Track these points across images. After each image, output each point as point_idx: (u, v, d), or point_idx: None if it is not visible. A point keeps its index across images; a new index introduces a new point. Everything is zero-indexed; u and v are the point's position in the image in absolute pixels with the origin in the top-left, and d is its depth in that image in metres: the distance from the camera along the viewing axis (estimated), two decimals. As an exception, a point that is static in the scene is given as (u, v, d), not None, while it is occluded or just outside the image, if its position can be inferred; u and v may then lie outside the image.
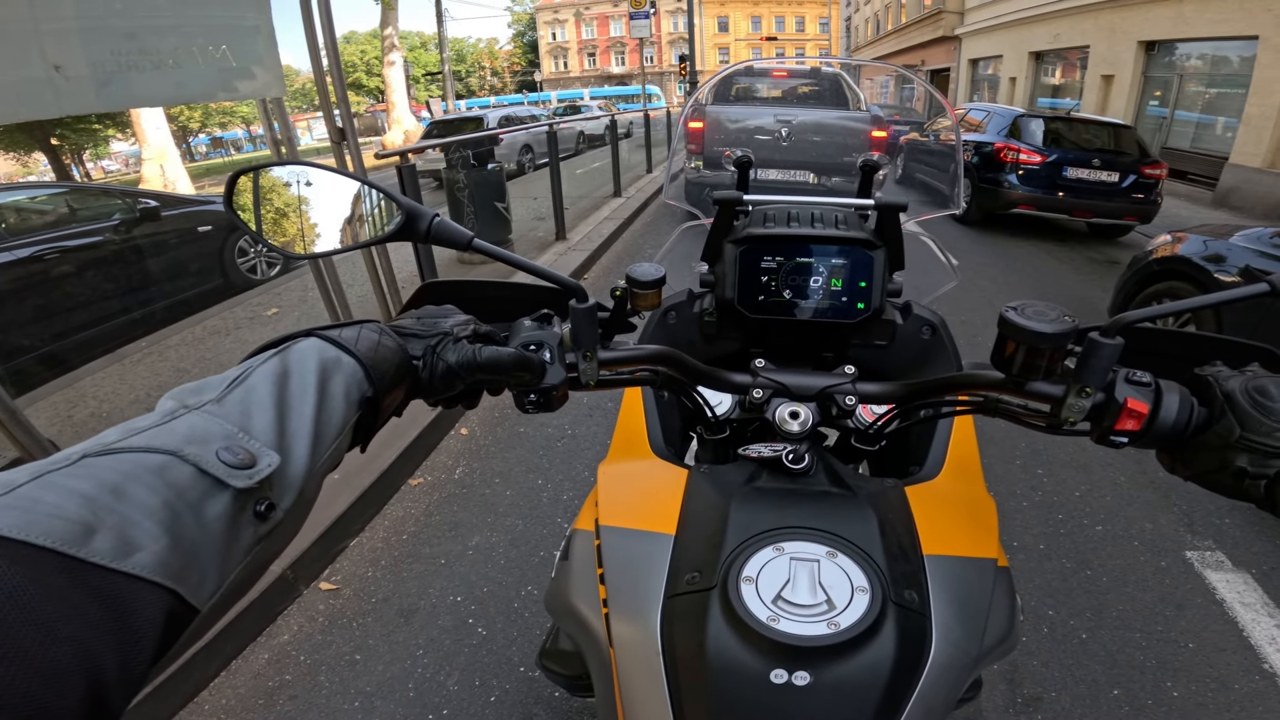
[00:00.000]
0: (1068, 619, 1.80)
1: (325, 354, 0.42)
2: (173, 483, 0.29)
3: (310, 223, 0.55)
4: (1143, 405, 0.48)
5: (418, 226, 0.53)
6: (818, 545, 0.53)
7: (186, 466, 0.30)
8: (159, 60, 2.19)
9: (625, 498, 0.69)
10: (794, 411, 0.66)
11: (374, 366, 0.44)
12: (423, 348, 0.50)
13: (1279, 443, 0.44)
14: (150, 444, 0.30)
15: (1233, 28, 9.17)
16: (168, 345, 3.75)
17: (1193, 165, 10.14)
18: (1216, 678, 1.63)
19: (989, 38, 17.62)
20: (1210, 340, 0.59)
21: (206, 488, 0.30)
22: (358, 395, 0.43)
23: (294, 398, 0.38)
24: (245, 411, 0.35)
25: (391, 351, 0.47)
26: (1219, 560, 2.03)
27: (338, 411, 0.41)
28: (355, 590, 1.95)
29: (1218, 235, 3.09)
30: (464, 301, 0.62)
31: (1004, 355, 0.50)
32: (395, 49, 17.92)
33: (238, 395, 0.36)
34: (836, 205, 0.80)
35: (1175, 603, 1.87)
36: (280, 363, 0.39)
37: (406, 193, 3.08)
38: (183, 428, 0.32)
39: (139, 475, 0.28)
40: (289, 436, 0.36)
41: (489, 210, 4.96)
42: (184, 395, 0.36)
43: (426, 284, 0.67)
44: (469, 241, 0.54)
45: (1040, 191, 6.20)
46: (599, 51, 55.44)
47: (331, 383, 0.41)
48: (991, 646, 0.55)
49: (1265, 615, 1.82)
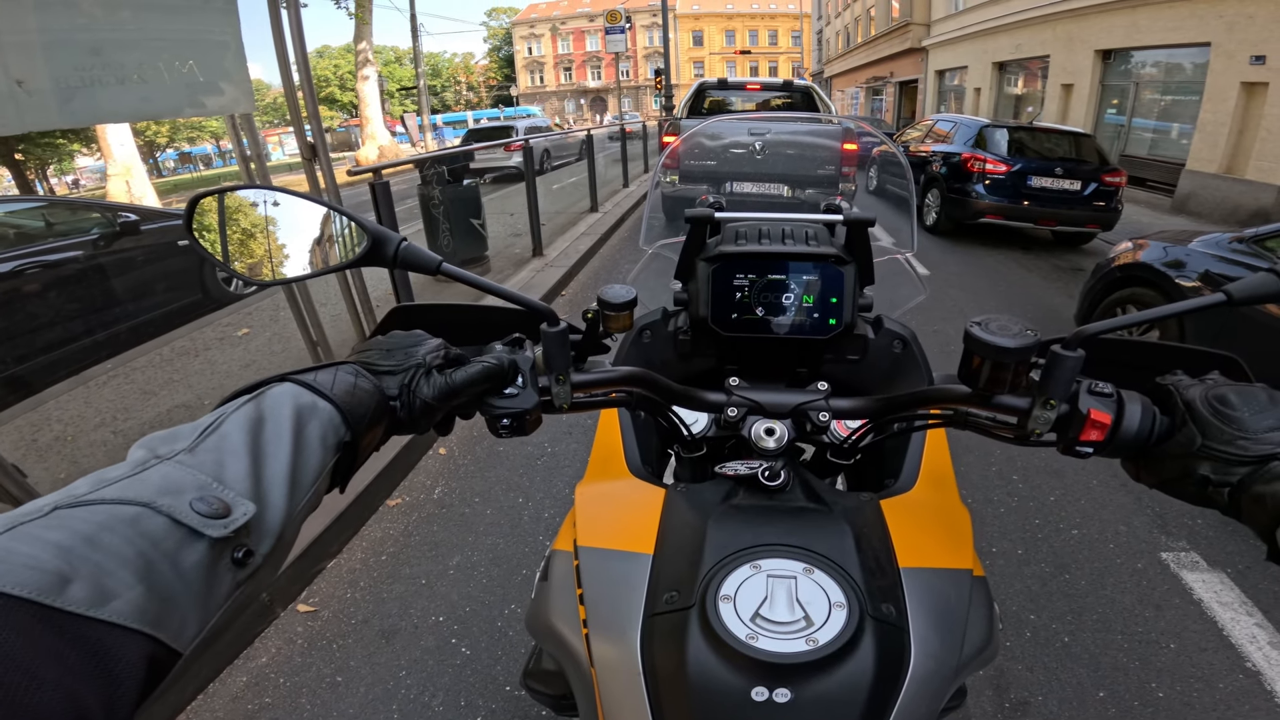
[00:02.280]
0: (1049, 623, 1.81)
1: (300, 400, 0.42)
2: (146, 533, 0.29)
3: (274, 248, 0.53)
4: (1105, 416, 0.49)
5: (384, 251, 0.53)
6: (794, 562, 0.53)
7: (160, 517, 0.30)
8: (123, 75, 2.15)
9: (603, 518, 0.69)
10: (769, 428, 0.66)
11: (350, 410, 0.44)
12: (398, 385, 0.49)
13: (1240, 451, 0.44)
14: (122, 496, 0.30)
15: (1185, 35, 9.46)
16: (134, 367, 3.64)
17: (1151, 172, 10.45)
18: (1201, 677, 1.65)
19: (954, 49, 18.11)
20: (1171, 349, 0.60)
21: (181, 537, 0.30)
22: (334, 439, 0.43)
23: (269, 445, 0.38)
24: (218, 461, 0.35)
25: (367, 393, 0.46)
26: (1194, 561, 2.07)
27: (315, 457, 0.40)
28: (334, 612, 1.91)
29: (1177, 241, 3.17)
30: (434, 326, 0.61)
31: (970, 370, 0.51)
32: (369, 63, 17.83)
33: (210, 444, 0.36)
34: (807, 221, 0.81)
35: (1154, 604, 1.90)
36: (254, 409, 0.39)
37: (380, 211, 3.04)
38: (155, 478, 0.32)
39: (112, 526, 0.28)
40: (265, 484, 0.36)
41: (465, 227, 4.89)
42: (155, 445, 0.35)
43: (396, 308, 0.66)
44: (437, 266, 0.54)
45: (1006, 201, 6.35)
46: (575, 66, 55.85)
47: (308, 429, 0.41)
48: (971, 656, 0.56)
49: (1244, 614, 1.85)
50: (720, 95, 6.08)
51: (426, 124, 25.64)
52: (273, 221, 0.53)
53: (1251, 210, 7.95)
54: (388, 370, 0.50)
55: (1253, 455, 0.44)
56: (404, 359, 0.51)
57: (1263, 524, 0.43)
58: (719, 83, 6.31)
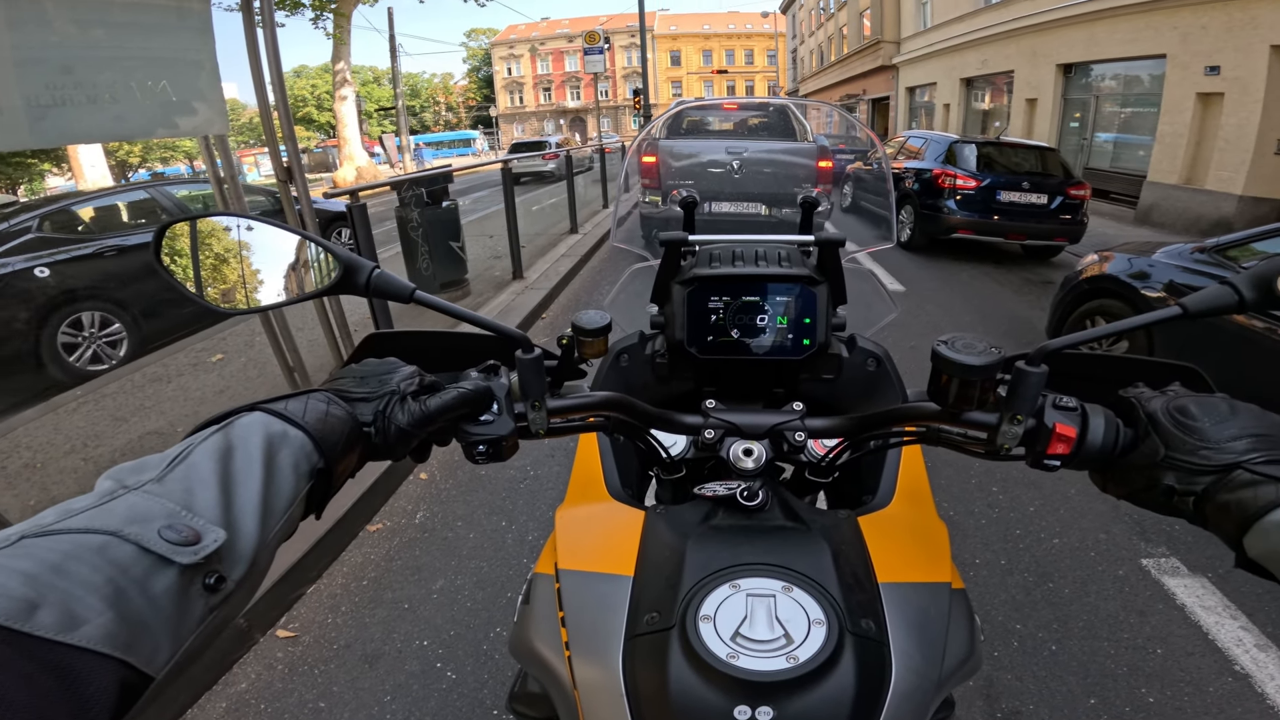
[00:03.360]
0: (1035, 631, 1.82)
1: (271, 428, 0.42)
2: (115, 561, 0.29)
3: (245, 276, 0.53)
4: (1070, 429, 0.50)
5: (356, 279, 0.53)
6: (773, 580, 0.54)
7: (128, 545, 0.30)
8: (95, 94, 2.12)
9: (583, 541, 0.69)
10: (747, 449, 0.67)
11: (323, 438, 0.44)
12: (372, 412, 0.49)
13: (1203, 460, 0.45)
14: (89, 525, 0.30)
15: (1141, 47, 9.74)
16: (104, 394, 3.57)
17: (1114, 184, 10.70)
18: (1190, 681, 1.67)
19: (923, 66, 18.59)
20: (1133, 361, 0.61)
21: (150, 564, 0.30)
22: (307, 467, 0.43)
23: (239, 473, 0.38)
24: (187, 489, 0.35)
25: (341, 421, 0.47)
26: (1175, 566, 2.10)
27: (287, 484, 0.41)
28: (315, 637, 1.88)
29: (1141, 253, 3.26)
30: (410, 352, 0.61)
31: (939, 387, 0.52)
32: (347, 83, 17.81)
33: (179, 473, 0.36)
34: (779, 243, 0.82)
35: (1138, 610, 1.92)
36: (223, 439, 0.40)
37: (357, 234, 3.01)
38: (121, 508, 0.32)
39: (80, 555, 0.28)
40: (236, 511, 0.36)
41: (444, 250, 4.82)
42: (122, 475, 0.35)
43: (370, 335, 0.66)
44: (411, 294, 0.54)
45: (977, 216, 6.48)
46: (554, 86, 56.32)
47: (279, 457, 0.41)
48: (953, 668, 0.56)
49: (1228, 617, 1.88)
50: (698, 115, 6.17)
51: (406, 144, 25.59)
52: (245, 248, 0.53)
53: (1213, 220, 8.17)
54: (361, 397, 0.50)
55: (1215, 464, 0.44)
56: (378, 386, 0.51)
57: (1229, 532, 0.43)
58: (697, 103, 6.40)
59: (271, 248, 0.53)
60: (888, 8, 20.74)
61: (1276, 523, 0.40)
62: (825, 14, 29.99)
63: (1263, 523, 0.41)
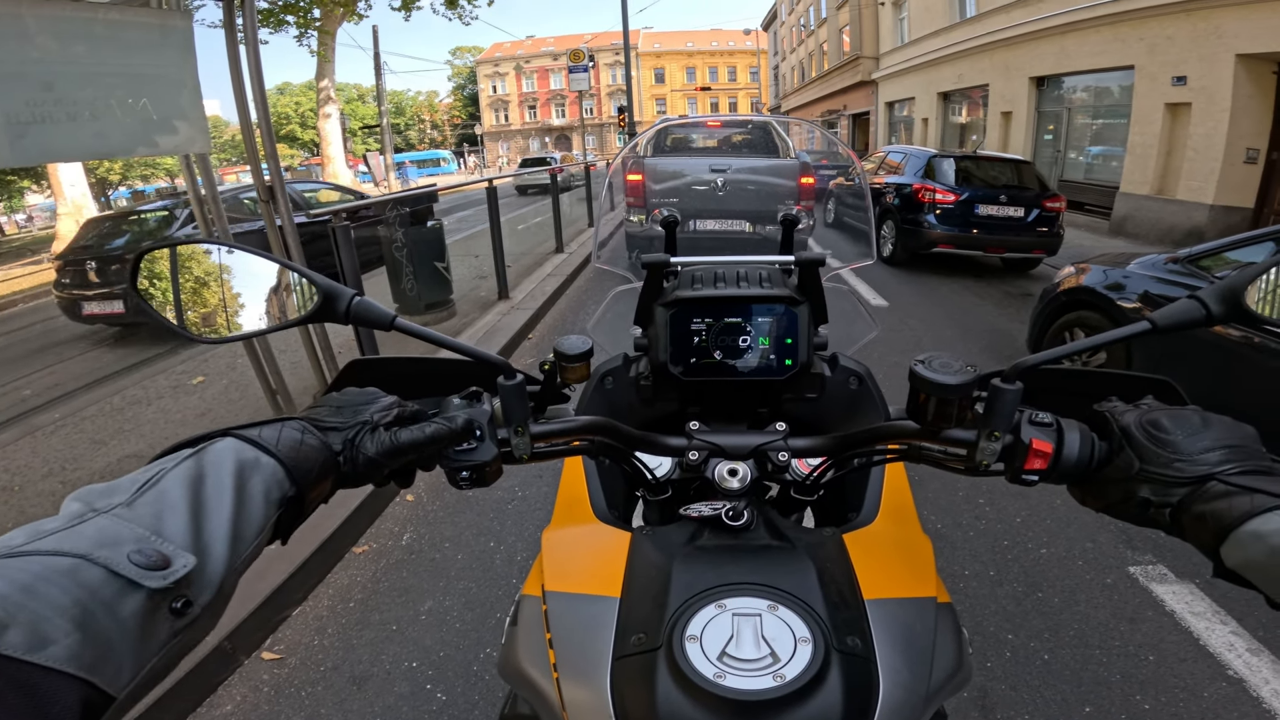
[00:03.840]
0: (1027, 641, 1.83)
1: (243, 455, 0.42)
2: (84, 583, 0.30)
3: (223, 304, 0.52)
4: (1047, 445, 0.52)
5: (336, 307, 0.53)
6: (759, 600, 0.54)
7: (97, 569, 0.31)
8: (75, 112, 2.10)
9: (570, 562, 0.69)
10: (732, 469, 0.68)
11: (296, 466, 0.45)
12: (342, 441, 0.50)
13: (1177, 472, 0.46)
14: (58, 548, 0.31)
15: (1110, 59, 9.95)
16: (84, 416, 3.52)
17: (1088, 196, 10.89)
18: (1184, 687, 1.68)
19: (902, 81, 18.97)
20: (1107, 375, 0.63)
21: (119, 588, 0.31)
22: (278, 494, 0.43)
23: (210, 500, 0.38)
24: (157, 514, 0.36)
25: (314, 449, 0.47)
26: (1162, 573, 2.11)
27: (257, 511, 0.41)
28: (301, 659, 1.86)
29: (1116, 264, 3.32)
30: (392, 378, 0.61)
31: (918, 406, 0.53)
32: (331, 101, 17.82)
33: (149, 498, 0.36)
34: (760, 264, 0.83)
35: (1128, 617, 1.93)
36: (195, 465, 0.40)
37: (340, 255, 2.99)
38: (91, 531, 0.32)
39: (49, 577, 0.29)
40: (205, 537, 0.37)
41: (429, 270, 4.77)
42: (91, 498, 0.36)
43: (353, 362, 0.66)
44: (391, 321, 0.54)
45: (957, 230, 6.56)
46: (539, 104, 56.76)
47: (250, 484, 0.41)
48: (942, 682, 0.56)
49: (1218, 623, 1.89)
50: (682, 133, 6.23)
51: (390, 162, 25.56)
52: (225, 274, 0.52)
53: (1186, 229, 8.34)
54: (334, 426, 0.50)
55: (1190, 476, 0.45)
56: (351, 415, 0.51)
57: (1205, 542, 0.44)
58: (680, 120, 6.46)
59: (251, 275, 0.53)
60: (866, 24, 21.21)
61: (1252, 532, 0.41)
62: (806, 31, 30.60)
63: (1238, 533, 0.42)
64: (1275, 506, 0.41)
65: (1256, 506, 0.41)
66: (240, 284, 0.53)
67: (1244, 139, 8.00)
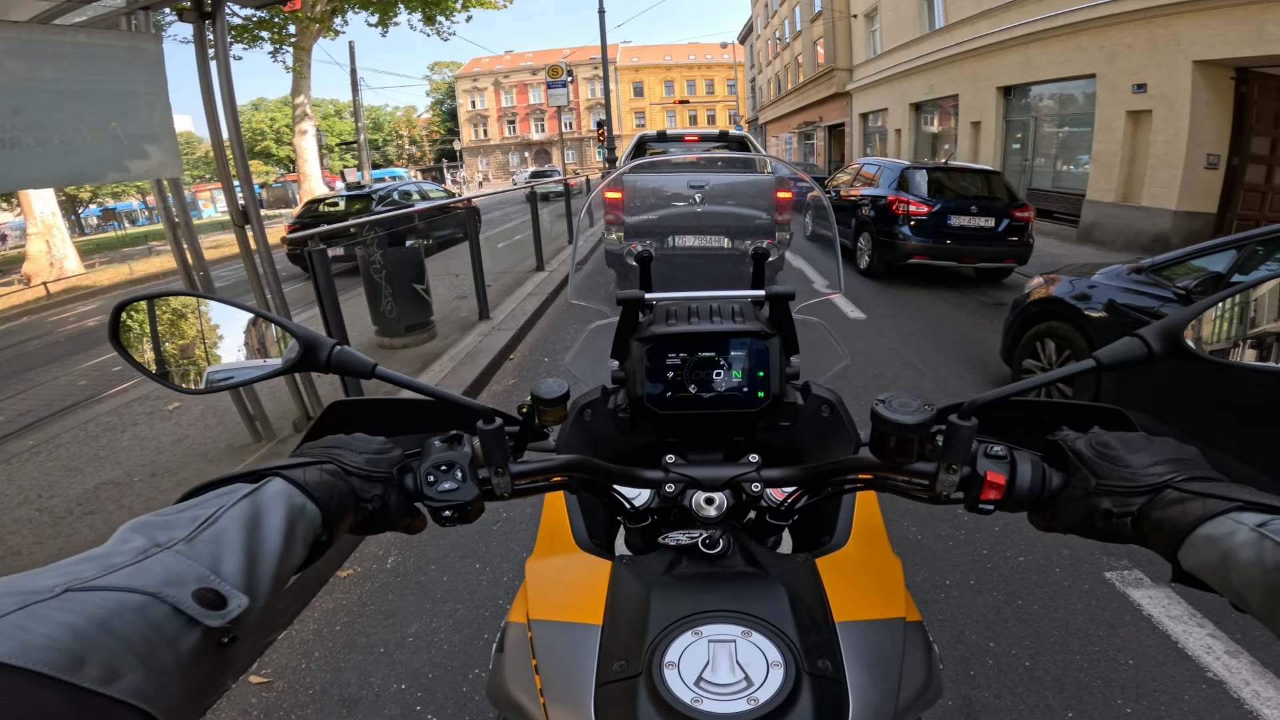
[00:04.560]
0: (1009, 649, 1.86)
1: (293, 500, 0.46)
2: (152, 620, 0.32)
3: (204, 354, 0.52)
4: (1000, 477, 0.55)
5: (317, 356, 0.55)
6: (733, 626, 0.56)
7: (164, 606, 0.33)
8: (44, 137, 2.08)
9: (553, 591, 0.72)
10: (709, 498, 0.70)
11: (329, 511, 0.48)
12: (371, 492, 0.53)
13: (1130, 481, 0.49)
14: (130, 584, 0.33)
15: (1073, 67, 10.19)
16: (58, 443, 3.44)
17: (1056, 204, 11.09)
18: (1165, 690, 1.71)
19: (875, 92, 19.30)
20: (1061, 405, 0.66)
21: (182, 625, 0.34)
22: (313, 538, 0.47)
23: (264, 543, 0.41)
24: (215, 554, 0.38)
25: (344, 495, 0.50)
26: (1138, 578, 2.16)
27: (297, 553, 0.45)
28: (289, 683, 1.85)
29: (1081, 274, 3.40)
30: (374, 418, 0.63)
31: (879, 442, 0.56)
32: (307, 117, 17.65)
33: (208, 536, 0.39)
34: (732, 298, 0.87)
35: (1106, 622, 1.97)
36: (251, 506, 0.43)
37: (317, 281, 2.95)
38: (158, 568, 0.35)
39: (122, 613, 0.31)
40: (256, 578, 0.40)
41: (408, 293, 4.69)
42: (151, 531, 0.38)
43: (334, 404, 0.67)
44: (371, 369, 0.57)
45: (931, 241, 6.67)
46: (519, 119, 56.80)
47: (296, 528, 0.45)
48: (911, 700, 0.58)
49: (1195, 625, 1.93)
50: (660, 147, 6.28)
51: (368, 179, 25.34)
52: (204, 327, 0.52)
53: (1151, 236, 8.55)
54: (361, 473, 0.53)
55: (1146, 485, 0.49)
56: (374, 465, 0.55)
57: (1163, 547, 0.47)
58: (658, 135, 6.51)
59: (230, 325, 0.54)
60: (840, 36, 21.61)
61: (1205, 536, 0.43)
62: (781, 44, 31.13)
63: (1193, 537, 0.44)
64: (1226, 510, 0.43)
65: (1209, 511, 0.44)
66: (220, 333, 0.54)
67: (1204, 145, 8.22)
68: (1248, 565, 0.40)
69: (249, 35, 15.64)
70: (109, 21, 2.51)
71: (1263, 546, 0.40)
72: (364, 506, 0.53)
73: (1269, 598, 0.39)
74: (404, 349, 4.72)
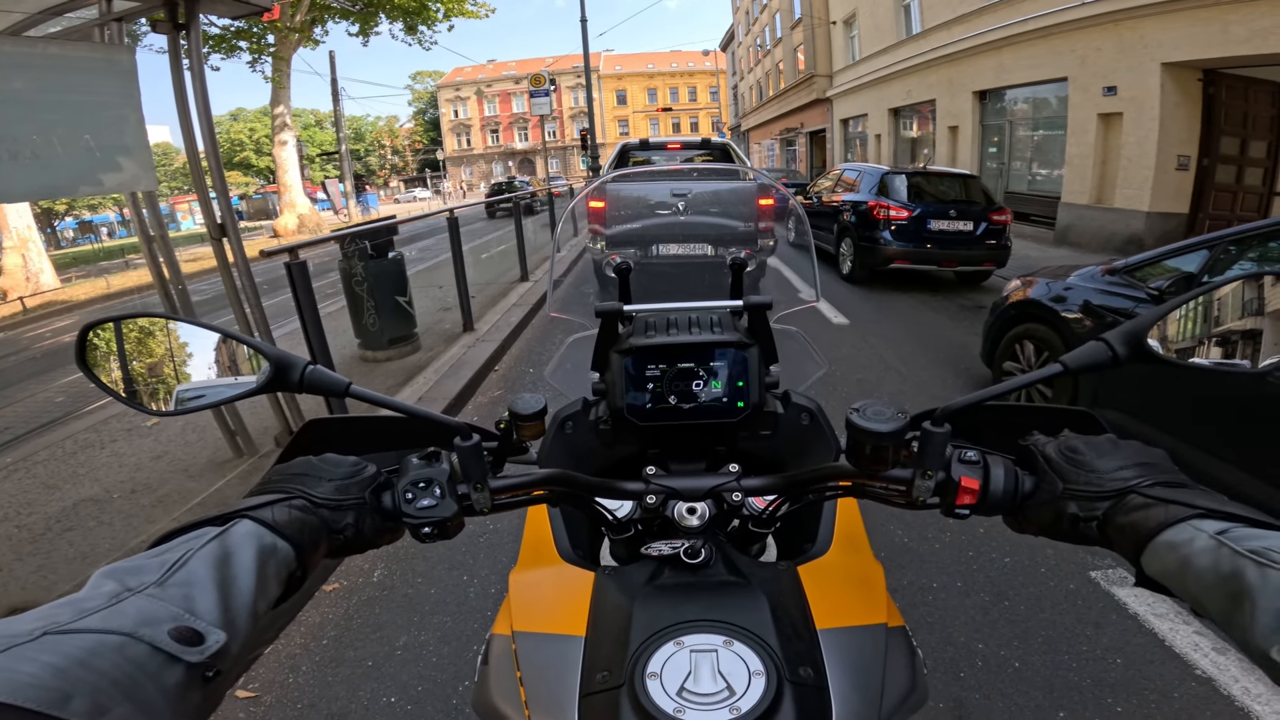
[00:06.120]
0: (997, 650, 1.87)
1: (262, 541, 0.47)
2: (132, 658, 0.33)
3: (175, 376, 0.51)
4: (974, 481, 0.56)
5: (289, 376, 0.55)
6: (715, 636, 0.56)
7: (142, 645, 0.34)
8: (16, 150, 2.04)
9: (537, 603, 0.72)
10: (691, 508, 0.70)
11: (301, 547, 0.49)
12: (342, 522, 0.54)
13: (1095, 486, 0.50)
14: (105, 625, 0.34)
15: (1045, 71, 10.38)
16: (35, 461, 3.38)
17: (1033, 207, 11.26)
18: (1155, 689, 1.72)
19: (855, 98, 19.51)
20: (1033, 409, 0.67)
21: (162, 662, 0.35)
22: (287, 574, 0.48)
23: (235, 581, 0.43)
24: (188, 595, 0.39)
25: (314, 529, 0.51)
26: (1122, 577, 2.18)
27: (272, 590, 0.46)
28: (277, 697, 1.83)
29: (1057, 276, 3.44)
30: (350, 438, 0.63)
31: (855, 450, 0.57)
32: (287, 128, 17.53)
33: (179, 579, 0.40)
34: (711, 309, 0.87)
35: (1093, 622, 1.98)
36: (219, 548, 0.44)
37: (297, 294, 2.91)
38: (132, 610, 0.36)
39: (102, 652, 0.32)
40: (232, 614, 0.41)
41: (390, 304, 4.63)
42: (122, 577, 0.39)
43: (310, 423, 0.67)
44: (345, 388, 0.56)
45: (911, 245, 6.75)
46: (502, 128, 56.78)
47: (267, 566, 0.46)
48: (894, 706, 0.59)
49: (1181, 623, 1.95)
50: (643, 155, 6.31)
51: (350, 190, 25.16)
52: (173, 348, 0.52)
53: (1125, 237, 8.70)
54: (330, 504, 0.54)
55: (1109, 490, 0.49)
56: (343, 492, 0.54)
57: (1127, 552, 0.48)
58: (641, 143, 6.53)
59: (200, 346, 0.53)
60: (820, 43, 21.86)
61: (1166, 543, 0.44)
62: (762, 50, 31.42)
63: (1155, 543, 0.45)
64: (1187, 518, 0.44)
65: (1170, 517, 0.45)
66: (190, 354, 0.53)
67: (1175, 146, 8.41)
68: (1204, 572, 0.41)
69: (227, 45, 15.52)
70: (81, 33, 2.48)
71: (1219, 554, 0.40)
72: (336, 536, 0.53)
73: (1226, 604, 0.39)
74: (387, 362, 4.67)
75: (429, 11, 17.25)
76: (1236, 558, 0.39)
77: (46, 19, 2.35)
